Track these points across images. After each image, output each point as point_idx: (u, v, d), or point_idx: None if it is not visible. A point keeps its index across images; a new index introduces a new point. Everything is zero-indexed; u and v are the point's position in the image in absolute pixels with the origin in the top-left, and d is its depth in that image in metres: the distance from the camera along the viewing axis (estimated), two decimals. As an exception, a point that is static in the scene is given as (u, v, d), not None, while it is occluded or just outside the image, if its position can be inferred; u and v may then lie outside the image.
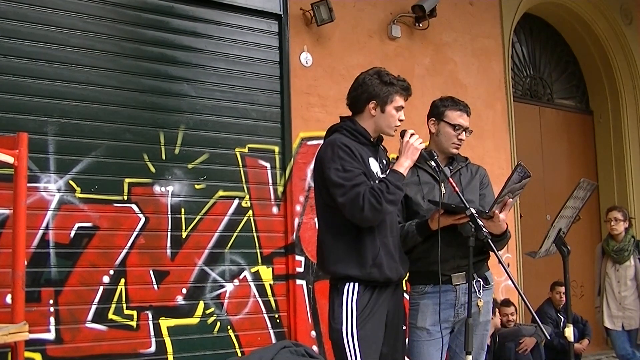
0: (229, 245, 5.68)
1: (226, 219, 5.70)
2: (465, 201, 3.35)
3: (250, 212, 5.83)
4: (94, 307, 5.03)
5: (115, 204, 5.22)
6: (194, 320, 5.46)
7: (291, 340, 5.57)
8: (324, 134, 3.60)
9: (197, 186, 5.60)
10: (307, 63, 6.27)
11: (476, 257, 3.53)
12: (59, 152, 5.01)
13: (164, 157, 5.48)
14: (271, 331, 5.80)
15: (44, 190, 4.92)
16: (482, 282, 3.68)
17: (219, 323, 5.57)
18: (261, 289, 5.81)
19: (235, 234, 5.73)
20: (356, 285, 3.35)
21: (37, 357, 4.73)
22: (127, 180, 5.28)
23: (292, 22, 6.22)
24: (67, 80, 5.11)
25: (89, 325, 5.00)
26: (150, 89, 5.49)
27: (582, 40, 9.33)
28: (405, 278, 3.65)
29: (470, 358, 3.27)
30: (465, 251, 3.35)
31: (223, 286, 5.62)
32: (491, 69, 7.82)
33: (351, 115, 3.57)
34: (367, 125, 3.50)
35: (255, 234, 5.83)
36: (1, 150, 3.36)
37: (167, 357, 5.30)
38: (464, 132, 3.77)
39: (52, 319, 4.86)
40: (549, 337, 6.91)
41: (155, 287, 5.32)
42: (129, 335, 5.15)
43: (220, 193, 5.70)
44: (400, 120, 3.51)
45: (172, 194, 5.48)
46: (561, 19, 9.15)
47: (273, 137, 6.04)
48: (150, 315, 5.26)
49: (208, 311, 5.53)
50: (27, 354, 4.47)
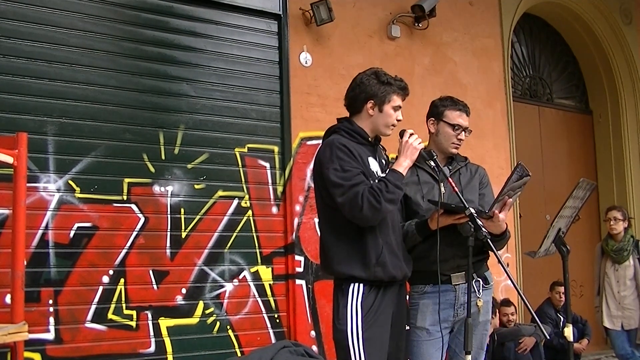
0: (229, 245, 5.68)
1: (226, 218, 5.70)
2: (465, 201, 3.35)
3: (250, 212, 5.83)
4: (93, 307, 5.03)
5: (115, 204, 5.22)
6: (193, 320, 5.46)
7: (291, 340, 5.58)
8: (323, 134, 3.61)
9: (196, 186, 5.60)
10: (306, 63, 6.27)
11: (476, 257, 3.53)
12: (58, 152, 5.01)
13: (163, 157, 5.48)
14: (271, 331, 5.80)
15: (43, 190, 4.92)
16: (481, 282, 3.68)
17: (218, 323, 5.57)
18: (261, 288, 5.81)
19: (235, 234, 5.73)
20: (361, 285, 3.35)
21: (37, 357, 4.73)
22: (127, 180, 5.28)
23: (291, 22, 6.22)
24: (67, 80, 5.11)
25: (89, 325, 5.00)
26: (149, 89, 5.49)
27: (581, 40, 9.33)
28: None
29: (469, 358, 3.27)
30: (464, 251, 3.35)
31: (223, 286, 5.62)
32: (491, 68, 7.82)
33: (349, 115, 3.57)
34: (365, 125, 3.50)
35: (254, 234, 5.83)
36: (1, 150, 3.36)
37: (167, 357, 5.30)
38: (463, 132, 3.77)
39: (52, 319, 4.85)
40: (548, 337, 6.91)
41: (155, 287, 5.32)
42: (128, 335, 5.15)
43: (220, 193, 5.70)
44: (398, 120, 3.52)
45: (171, 194, 5.47)
46: (561, 18, 9.15)
47: (272, 137, 6.04)
48: (149, 315, 5.26)
49: (208, 311, 5.53)
50: (27, 354, 4.47)
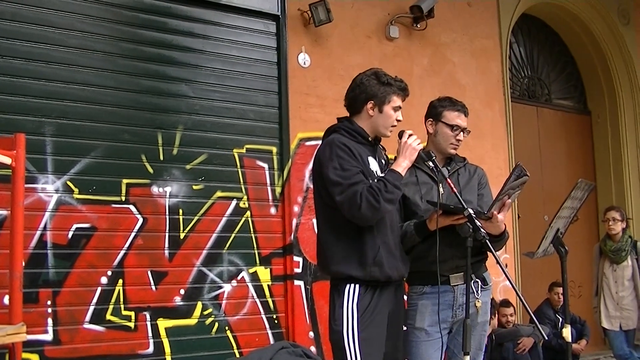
0: (227, 246, 5.68)
1: (224, 219, 5.70)
2: (464, 201, 3.35)
3: (248, 213, 5.83)
4: (92, 308, 5.03)
5: (113, 205, 5.21)
6: (192, 321, 5.46)
7: (289, 341, 5.58)
8: (322, 134, 3.61)
9: (195, 187, 5.60)
10: (305, 64, 6.27)
11: (474, 258, 3.53)
12: (56, 152, 5.00)
13: (162, 157, 5.47)
14: (269, 332, 5.79)
15: (41, 191, 4.91)
16: (480, 283, 3.68)
17: (217, 324, 5.57)
18: (259, 289, 5.80)
19: (233, 235, 5.73)
20: (357, 286, 3.35)
21: (35, 358, 4.72)
22: (125, 180, 5.28)
23: (290, 22, 6.22)
24: (65, 81, 5.11)
25: (87, 326, 5.00)
26: (148, 90, 5.49)
27: (579, 41, 9.34)
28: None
29: (468, 358, 3.27)
30: (463, 252, 3.34)
31: (221, 287, 5.62)
32: (489, 69, 7.82)
33: (349, 115, 3.57)
34: (364, 125, 3.51)
35: (253, 235, 5.83)
36: (-1, 151, 3.36)
37: (165, 358, 5.29)
38: (461, 133, 3.77)
39: (50, 320, 4.85)
40: (546, 338, 6.91)
41: (154, 287, 5.32)
42: (127, 336, 5.15)
43: (218, 194, 5.70)
44: (398, 121, 3.53)
45: (170, 195, 5.47)
46: (559, 19, 9.16)
47: (271, 138, 6.04)
48: (148, 316, 5.26)
49: (206, 312, 5.53)
50: (25, 355, 4.47)
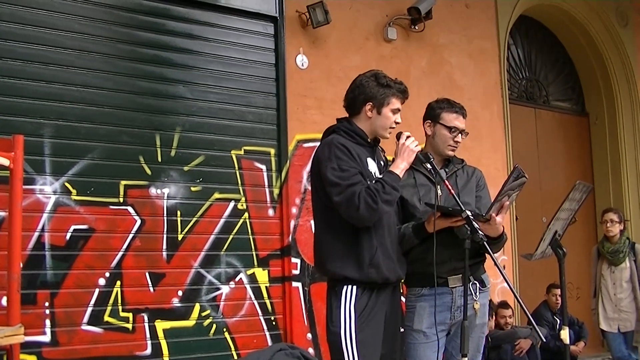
0: (225, 247, 5.68)
1: (222, 221, 5.70)
2: (462, 203, 3.35)
3: (246, 215, 5.83)
4: (89, 310, 5.02)
5: (111, 206, 5.21)
6: (189, 323, 5.45)
7: (287, 342, 5.57)
8: (321, 136, 3.61)
9: (193, 188, 5.59)
10: (303, 65, 6.27)
11: (472, 260, 3.53)
12: (54, 154, 5.00)
13: (159, 159, 5.47)
14: (267, 333, 5.79)
15: (39, 192, 4.91)
16: (478, 285, 3.68)
17: (214, 325, 5.56)
18: (257, 291, 5.80)
19: (231, 236, 5.72)
20: (354, 287, 3.35)
21: (33, 359, 4.72)
22: (123, 182, 5.28)
23: (288, 24, 6.22)
24: (63, 83, 5.11)
25: (85, 327, 4.99)
26: (146, 91, 5.48)
27: (577, 42, 9.35)
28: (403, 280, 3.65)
29: (466, 360, 3.28)
30: (461, 253, 3.34)
31: (219, 288, 5.62)
32: (487, 70, 7.83)
33: (348, 116, 3.58)
34: (363, 126, 3.51)
35: (251, 237, 5.83)
36: (-3, 152, 3.36)
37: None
38: (460, 135, 3.77)
39: (48, 322, 4.84)
40: (544, 340, 6.90)
41: (151, 289, 5.31)
42: (124, 338, 5.14)
43: (216, 195, 5.70)
44: (397, 123, 3.53)
45: (168, 196, 5.47)
46: (557, 21, 9.17)
47: (269, 140, 6.04)
48: (146, 318, 5.26)
49: (204, 313, 5.52)
50: (23, 357, 4.47)
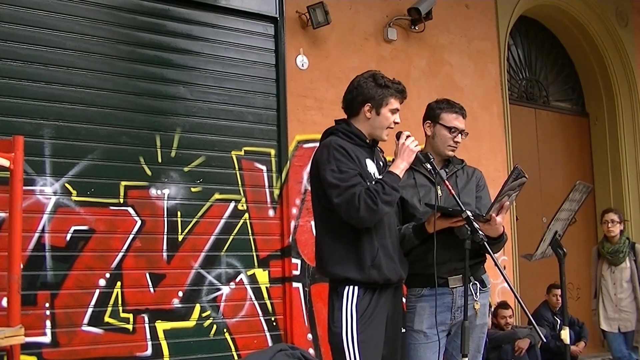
0: (225, 248, 5.68)
1: (222, 221, 5.69)
2: (462, 204, 3.35)
3: (247, 215, 5.83)
4: (90, 310, 5.02)
5: (111, 207, 5.21)
6: (190, 323, 5.45)
7: (287, 343, 5.57)
8: (320, 136, 3.61)
9: (193, 189, 5.59)
10: (303, 66, 6.27)
11: (473, 260, 3.53)
12: (55, 155, 5.00)
13: (160, 160, 5.47)
14: (267, 334, 5.79)
15: (40, 193, 4.91)
16: (478, 285, 3.68)
17: (215, 326, 5.56)
18: (257, 291, 5.80)
19: (232, 237, 5.72)
20: (356, 288, 3.35)
21: (33, 360, 4.73)
22: (123, 183, 5.28)
23: (288, 24, 6.22)
24: (63, 83, 5.11)
25: (85, 328, 4.99)
26: (146, 92, 5.48)
27: (577, 43, 9.35)
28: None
29: (466, 361, 3.28)
30: (461, 254, 3.34)
31: (219, 289, 5.62)
32: (487, 71, 7.83)
33: (346, 117, 3.58)
34: (362, 127, 3.51)
35: (251, 237, 5.83)
36: (-3, 153, 3.36)
37: (163, 360, 5.30)
38: (459, 135, 3.77)
39: (48, 322, 4.84)
40: (544, 340, 6.90)
41: (152, 290, 5.31)
42: (125, 339, 5.14)
43: (217, 196, 5.70)
44: (396, 123, 3.53)
45: (168, 197, 5.47)
46: (557, 21, 9.17)
47: (269, 140, 6.04)
48: (146, 318, 5.25)
49: (204, 314, 5.52)
50: (23, 358, 4.46)
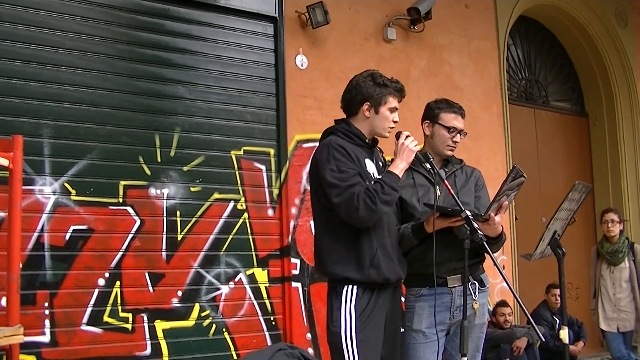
0: (225, 247, 5.68)
1: (221, 221, 5.70)
2: (461, 203, 3.35)
3: (246, 215, 5.83)
4: (89, 310, 5.02)
5: (111, 207, 5.21)
6: (189, 323, 5.45)
7: (287, 342, 5.57)
8: (320, 136, 3.61)
9: (192, 189, 5.60)
10: (302, 65, 6.27)
11: (472, 260, 3.54)
12: (54, 154, 5.00)
13: (159, 159, 5.47)
14: (267, 334, 5.79)
15: (39, 192, 4.91)
16: (477, 285, 3.68)
17: (214, 325, 5.57)
18: (257, 291, 5.80)
19: (231, 237, 5.73)
20: (355, 288, 3.35)
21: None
22: (123, 182, 5.28)
23: (287, 24, 6.22)
24: (63, 83, 5.11)
25: (85, 327, 4.99)
26: (145, 92, 5.49)
27: (577, 43, 9.35)
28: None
29: (465, 360, 3.28)
30: (460, 254, 3.34)
31: (218, 289, 5.62)
32: (487, 71, 7.83)
33: (345, 117, 3.58)
34: (361, 127, 3.51)
35: (250, 237, 5.83)
36: (-4, 152, 3.37)
37: (163, 360, 5.30)
38: (458, 135, 3.77)
39: (48, 322, 4.85)
40: (543, 339, 6.91)
41: (151, 289, 5.32)
42: (124, 338, 5.14)
43: (216, 195, 5.70)
44: (395, 122, 3.53)
45: (167, 197, 5.47)
46: (556, 21, 9.17)
47: (268, 140, 6.04)
48: (145, 318, 5.26)
49: (203, 314, 5.52)
50: (22, 357, 4.47)
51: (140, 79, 5.47)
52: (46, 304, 4.86)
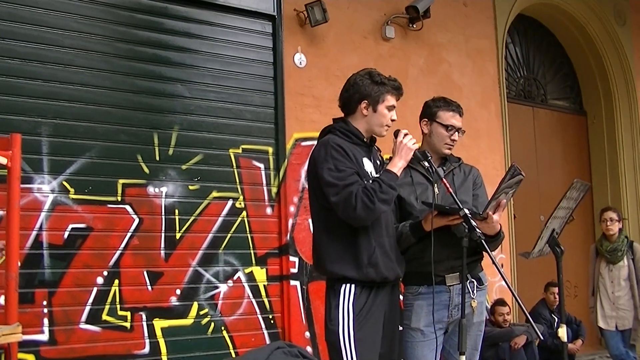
0: (223, 246, 5.68)
1: (220, 219, 5.70)
2: (459, 202, 3.36)
3: (244, 213, 5.83)
4: (87, 308, 5.02)
5: (109, 205, 5.21)
6: (188, 321, 5.46)
7: (285, 341, 5.58)
8: (318, 135, 3.62)
9: (191, 187, 5.60)
10: (301, 64, 6.27)
11: (470, 258, 3.53)
12: (52, 153, 5.00)
13: (157, 158, 5.47)
14: (265, 332, 5.79)
15: (37, 191, 4.91)
16: (475, 283, 3.68)
17: (213, 324, 5.57)
18: (255, 289, 5.80)
19: (229, 235, 5.73)
20: (353, 286, 3.35)
21: (31, 358, 4.72)
22: (121, 181, 5.28)
23: (286, 23, 6.22)
24: (61, 81, 5.11)
25: (83, 326, 4.99)
26: (144, 90, 5.48)
27: (575, 41, 9.36)
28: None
29: (463, 359, 3.28)
30: (459, 252, 3.34)
31: (217, 287, 5.62)
32: (485, 69, 7.83)
33: (344, 116, 3.58)
34: (359, 125, 3.51)
35: (249, 235, 5.83)
36: (-6, 151, 3.37)
37: (161, 358, 5.29)
38: (456, 133, 3.77)
39: (46, 320, 4.85)
40: (542, 337, 6.92)
41: (149, 288, 5.32)
42: (123, 336, 5.15)
43: (214, 194, 5.70)
44: (393, 120, 3.53)
45: (166, 195, 5.47)
46: (555, 20, 9.18)
47: (267, 138, 6.04)
48: (144, 316, 5.26)
49: (202, 312, 5.53)
50: (21, 356, 4.46)
51: (138, 77, 5.47)
52: (45, 303, 4.86)
